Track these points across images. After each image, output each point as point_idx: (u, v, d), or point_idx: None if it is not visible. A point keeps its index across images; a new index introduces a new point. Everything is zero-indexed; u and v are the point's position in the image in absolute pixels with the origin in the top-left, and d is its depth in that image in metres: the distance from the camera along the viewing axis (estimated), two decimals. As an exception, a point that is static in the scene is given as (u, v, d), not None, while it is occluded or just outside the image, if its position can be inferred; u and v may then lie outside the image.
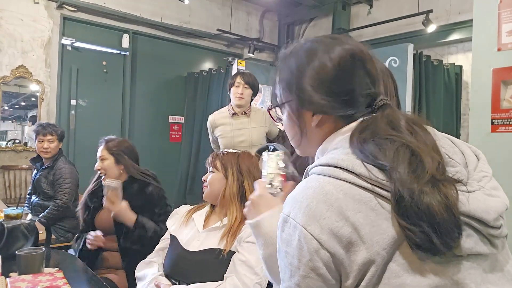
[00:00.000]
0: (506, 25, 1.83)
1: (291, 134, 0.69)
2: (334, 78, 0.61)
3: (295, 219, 0.53)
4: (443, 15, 4.08)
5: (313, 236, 0.51)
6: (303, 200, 0.54)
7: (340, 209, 0.51)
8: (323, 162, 0.57)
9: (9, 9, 3.76)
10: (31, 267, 1.23)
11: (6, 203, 3.19)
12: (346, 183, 0.53)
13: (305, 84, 0.62)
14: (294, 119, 0.65)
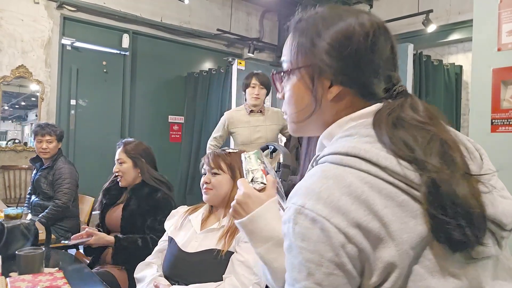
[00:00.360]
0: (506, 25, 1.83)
1: (298, 106, 0.60)
2: (363, 46, 0.55)
3: (314, 211, 0.47)
4: (443, 15, 4.08)
5: (339, 229, 0.46)
6: (322, 190, 0.48)
7: (367, 203, 0.46)
8: (340, 150, 0.51)
9: (9, 9, 3.76)
10: (31, 267, 1.23)
11: (6, 203, 3.19)
12: (370, 175, 0.48)
13: (329, 47, 0.55)
14: (310, 88, 0.58)
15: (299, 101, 0.60)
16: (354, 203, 0.47)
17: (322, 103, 0.58)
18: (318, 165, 0.54)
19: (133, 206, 1.75)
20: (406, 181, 0.48)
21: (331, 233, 0.46)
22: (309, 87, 0.58)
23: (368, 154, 0.49)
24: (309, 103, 0.58)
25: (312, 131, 0.63)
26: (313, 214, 0.47)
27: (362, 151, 0.50)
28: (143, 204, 1.74)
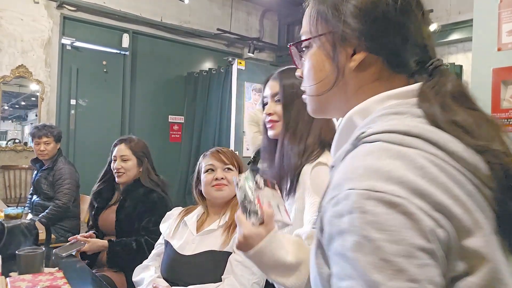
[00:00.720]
0: (506, 25, 1.83)
1: (318, 77, 0.54)
2: (392, 7, 0.50)
3: (390, 192, 0.39)
4: (443, 15, 4.08)
5: (426, 212, 0.39)
6: (392, 170, 0.40)
7: (445, 186, 0.40)
8: (398, 128, 0.44)
9: (9, 9, 3.76)
10: (31, 266, 1.23)
11: (6, 203, 3.19)
12: (438, 159, 0.42)
13: (354, 9, 0.50)
14: (331, 55, 0.52)
15: (319, 71, 0.54)
16: (432, 186, 0.40)
17: (344, 73, 0.52)
18: (365, 144, 0.45)
19: (129, 208, 1.71)
20: (473, 170, 0.43)
21: (418, 215, 0.38)
22: (330, 55, 0.52)
23: (435, 135, 0.43)
24: (330, 73, 0.53)
25: (334, 109, 0.56)
26: (389, 197, 0.39)
27: (427, 131, 0.44)
28: (139, 205, 1.70)
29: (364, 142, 0.46)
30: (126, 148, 1.80)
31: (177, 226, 1.36)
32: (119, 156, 1.78)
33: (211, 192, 1.30)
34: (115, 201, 1.83)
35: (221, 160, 1.31)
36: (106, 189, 1.83)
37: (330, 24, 0.53)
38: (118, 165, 1.77)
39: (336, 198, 0.42)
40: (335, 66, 0.52)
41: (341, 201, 0.41)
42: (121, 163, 1.77)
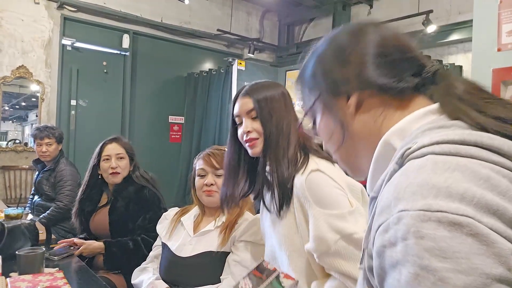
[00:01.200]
0: (506, 25, 1.83)
1: (328, 135, 0.55)
2: (356, 45, 0.52)
3: (453, 211, 0.33)
4: (443, 15, 4.08)
5: (501, 232, 0.32)
6: (452, 184, 0.34)
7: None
8: (452, 138, 0.39)
9: (10, 9, 3.76)
10: (31, 267, 1.23)
11: (6, 203, 3.19)
12: (504, 169, 0.36)
13: (328, 64, 0.53)
14: (328, 112, 0.54)
15: (327, 130, 0.55)
16: (503, 199, 0.34)
17: (349, 122, 0.52)
18: (413, 160, 0.40)
19: (121, 208, 1.66)
20: None
21: (492, 237, 0.32)
22: (330, 113, 0.54)
23: (496, 141, 0.38)
24: (335, 126, 0.53)
25: (365, 156, 0.53)
26: (452, 216, 0.32)
27: (486, 137, 0.38)
28: (131, 204, 1.66)
29: (411, 159, 0.40)
30: (120, 147, 1.74)
31: (174, 227, 1.35)
32: (114, 155, 1.71)
33: (202, 196, 1.30)
34: (105, 202, 1.76)
35: (211, 165, 1.29)
36: (94, 192, 1.75)
37: (319, 84, 0.54)
38: (115, 164, 1.70)
39: (384, 224, 0.36)
40: (335, 121, 0.53)
41: (392, 226, 0.35)
42: (118, 162, 1.70)
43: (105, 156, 1.72)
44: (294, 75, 4.54)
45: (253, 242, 1.19)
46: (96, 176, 1.75)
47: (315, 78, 0.55)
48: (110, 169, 1.70)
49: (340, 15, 4.97)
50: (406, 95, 0.49)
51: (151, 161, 4.48)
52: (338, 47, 0.54)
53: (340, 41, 0.54)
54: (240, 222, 1.25)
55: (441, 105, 0.46)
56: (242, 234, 1.19)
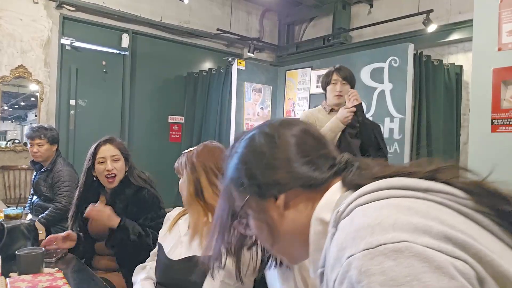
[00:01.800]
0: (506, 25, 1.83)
1: (264, 238, 0.58)
2: (281, 150, 0.56)
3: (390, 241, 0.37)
4: (443, 15, 4.08)
5: (434, 248, 0.37)
6: (383, 220, 0.39)
7: (440, 219, 0.40)
8: (368, 189, 0.46)
9: (9, 9, 3.76)
10: (31, 267, 1.23)
11: (6, 203, 3.19)
12: (419, 198, 0.44)
13: (253, 169, 0.56)
14: (257, 215, 0.57)
15: (261, 232, 0.58)
16: (427, 220, 0.39)
17: (277, 222, 0.56)
18: (345, 218, 0.45)
19: (119, 210, 1.62)
20: (453, 197, 0.45)
21: (428, 253, 0.36)
22: (259, 215, 0.57)
23: (403, 181, 0.46)
24: (267, 228, 0.56)
25: (299, 246, 0.57)
26: (391, 246, 0.36)
27: (395, 180, 0.46)
28: (130, 206, 1.62)
29: (344, 217, 0.46)
30: (115, 148, 1.69)
31: (171, 227, 1.33)
32: (109, 156, 1.66)
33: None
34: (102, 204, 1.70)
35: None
36: (91, 194, 1.70)
37: (243, 193, 0.57)
38: (111, 166, 1.64)
39: (338, 276, 0.39)
40: (265, 224, 0.56)
41: (345, 275, 0.38)
42: (113, 164, 1.65)
43: (99, 159, 1.67)
44: (294, 74, 4.54)
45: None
46: (91, 178, 1.70)
47: (241, 182, 0.57)
48: (106, 172, 1.65)
49: (340, 15, 4.97)
50: (325, 185, 0.55)
51: (151, 161, 4.48)
52: (258, 152, 0.57)
53: (259, 146, 0.57)
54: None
55: (343, 181, 0.54)
56: None
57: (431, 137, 3.57)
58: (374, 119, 3.70)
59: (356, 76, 3.85)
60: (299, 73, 4.47)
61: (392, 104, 3.52)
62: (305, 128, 0.59)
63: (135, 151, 4.65)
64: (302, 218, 0.55)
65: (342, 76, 2.16)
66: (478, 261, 0.37)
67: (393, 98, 3.51)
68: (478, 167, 0.54)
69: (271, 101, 4.67)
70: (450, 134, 3.76)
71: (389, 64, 3.55)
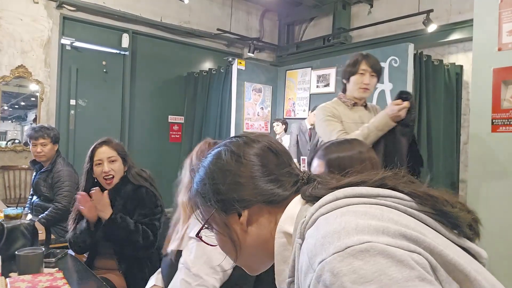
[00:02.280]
0: (506, 25, 1.83)
1: (227, 250, 0.61)
2: (245, 167, 0.58)
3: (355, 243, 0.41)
4: (443, 14, 4.08)
5: (393, 245, 0.41)
6: (345, 226, 0.43)
7: (393, 220, 0.45)
8: (327, 200, 0.51)
9: (9, 9, 3.76)
10: (31, 267, 1.23)
11: (6, 203, 3.19)
12: (371, 204, 0.49)
13: (218, 184, 0.58)
14: (221, 229, 0.59)
15: (225, 245, 0.61)
16: (383, 222, 0.44)
17: (240, 237, 0.58)
18: (310, 228, 0.49)
19: (119, 206, 1.65)
20: (400, 200, 0.51)
21: (390, 250, 0.40)
22: (223, 230, 0.59)
23: (356, 190, 0.51)
24: (230, 242, 0.59)
25: (261, 258, 0.61)
26: (358, 247, 0.40)
27: (349, 190, 0.51)
28: (128, 203, 1.65)
29: (309, 227, 0.49)
30: (111, 149, 1.70)
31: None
32: (106, 158, 1.68)
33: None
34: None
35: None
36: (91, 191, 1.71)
37: (208, 207, 0.59)
38: (107, 167, 1.66)
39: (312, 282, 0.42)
40: (229, 239, 0.59)
41: (319, 279, 0.41)
42: (110, 165, 1.67)
43: (97, 161, 1.69)
44: (294, 74, 4.54)
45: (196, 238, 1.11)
46: (91, 180, 1.72)
47: (208, 197, 0.60)
48: (103, 174, 1.67)
49: (340, 15, 4.97)
50: (287, 200, 0.58)
51: (151, 161, 4.48)
52: (225, 170, 0.59)
53: (226, 164, 0.59)
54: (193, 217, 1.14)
55: (301, 194, 0.57)
56: (190, 231, 1.11)
57: (431, 137, 3.57)
58: (374, 119, 3.70)
59: (356, 76, 3.87)
60: (299, 73, 4.47)
61: (392, 104, 3.52)
62: (268, 146, 0.61)
63: (135, 151, 4.67)
64: (265, 232, 0.58)
65: (371, 66, 1.80)
66: (430, 253, 0.43)
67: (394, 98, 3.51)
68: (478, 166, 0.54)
69: (271, 101, 4.67)
70: (450, 134, 3.76)
71: (389, 64, 3.55)
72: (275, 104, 4.70)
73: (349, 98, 1.85)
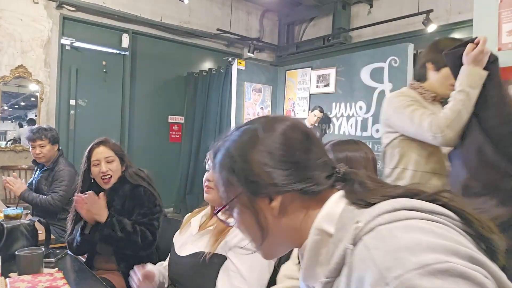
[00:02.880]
0: (506, 25, 1.83)
1: (250, 235, 0.58)
2: (284, 149, 0.55)
3: (435, 261, 0.40)
4: (443, 15, 4.08)
5: (470, 267, 0.41)
6: (419, 242, 0.42)
7: (461, 243, 0.44)
8: (387, 208, 0.48)
9: (9, 9, 3.76)
10: (31, 267, 1.23)
11: (5, 203, 3.19)
12: (427, 220, 0.47)
13: (252, 164, 0.54)
14: (251, 214, 0.56)
15: (249, 229, 0.58)
16: (451, 242, 0.43)
17: (269, 223, 0.55)
18: (367, 236, 0.47)
19: (117, 206, 1.65)
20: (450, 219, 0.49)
21: (468, 272, 0.40)
22: (250, 212, 0.56)
23: (412, 202, 0.49)
24: (257, 228, 0.56)
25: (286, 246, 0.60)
26: (438, 266, 0.39)
27: (405, 201, 0.49)
28: (126, 202, 1.65)
29: (364, 235, 0.47)
30: (108, 149, 1.69)
31: (184, 226, 1.35)
32: (103, 158, 1.67)
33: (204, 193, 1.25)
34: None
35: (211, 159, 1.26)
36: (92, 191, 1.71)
37: (238, 182, 0.55)
38: (105, 168, 1.65)
39: None
40: (257, 225, 0.56)
41: None
42: (108, 165, 1.66)
43: (94, 161, 1.68)
44: (294, 74, 4.54)
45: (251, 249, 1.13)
46: (89, 181, 1.72)
47: (234, 173, 0.56)
48: (101, 174, 1.66)
49: (340, 15, 4.97)
50: (322, 194, 0.55)
51: (151, 161, 4.48)
52: (261, 149, 0.55)
53: (262, 143, 0.55)
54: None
55: (346, 194, 0.55)
56: (239, 240, 1.12)
57: (431, 137, 3.57)
58: (374, 119, 3.71)
59: (356, 76, 3.87)
60: (299, 73, 4.47)
61: (392, 104, 3.52)
62: (310, 133, 0.59)
63: (135, 151, 4.67)
64: (295, 223, 0.55)
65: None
66: (493, 277, 0.42)
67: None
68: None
69: (271, 101, 4.67)
70: (450, 134, 3.75)
71: (389, 64, 3.55)
72: (275, 104, 4.70)
73: (427, 89, 1.44)
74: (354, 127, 3.86)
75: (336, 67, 4.03)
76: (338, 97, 3.97)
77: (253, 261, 1.11)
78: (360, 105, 3.81)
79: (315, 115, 3.93)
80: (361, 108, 3.80)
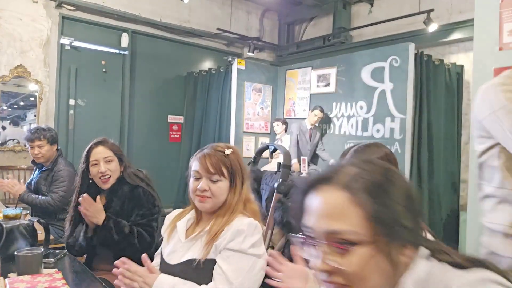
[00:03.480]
0: (507, 25, 1.82)
1: (374, 277, 0.54)
2: (414, 199, 0.57)
3: None
4: (444, 14, 4.08)
5: None
6: None
7: None
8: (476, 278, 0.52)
9: (8, 9, 3.75)
10: (30, 267, 1.22)
11: (5, 204, 3.18)
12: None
13: (403, 209, 0.54)
14: (386, 262, 0.53)
15: (374, 272, 0.53)
16: None
17: (398, 267, 0.55)
18: None
19: (116, 207, 1.64)
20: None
21: None
22: (387, 257, 0.53)
23: (495, 278, 0.52)
24: (385, 271, 0.54)
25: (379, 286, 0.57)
26: None
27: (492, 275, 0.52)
28: (125, 203, 1.64)
29: None
30: (107, 149, 1.68)
31: (170, 232, 1.28)
32: (102, 158, 1.66)
33: (195, 200, 1.19)
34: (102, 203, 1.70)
35: (206, 169, 1.15)
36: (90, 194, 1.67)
37: (386, 227, 0.53)
38: (104, 168, 1.64)
39: None
40: (391, 266, 0.54)
41: None
42: (107, 165, 1.65)
43: (93, 161, 1.67)
44: (295, 74, 4.53)
45: (239, 251, 1.09)
46: (87, 181, 1.70)
47: (391, 213, 0.53)
48: (100, 174, 1.65)
49: (340, 14, 4.96)
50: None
51: (151, 161, 4.48)
52: (403, 191, 0.56)
53: (403, 185, 0.56)
54: (226, 229, 1.14)
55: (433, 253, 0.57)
56: (228, 242, 1.10)
57: (432, 137, 3.57)
58: (375, 119, 3.71)
59: (357, 75, 3.87)
60: (299, 72, 4.46)
61: (393, 104, 3.52)
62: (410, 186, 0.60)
63: (135, 151, 4.67)
64: (399, 272, 0.55)
65: None
66: None
67: (394, 97, 3.50)
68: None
69: (271, 101, 4.66)
70: (451, 134, 3.75)
71: (390, 63, 3.54)
72: (275, 104, 4.69)
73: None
74: (355, 127, 3.85)
75: (337, 66, 4.02)
76: (338, 97, 3.97)
77: (239, 264, 1.08)
78: (360, 105, 3.80)
79: (316, 115, 3.92)
80: (361, 108, 3.79)
